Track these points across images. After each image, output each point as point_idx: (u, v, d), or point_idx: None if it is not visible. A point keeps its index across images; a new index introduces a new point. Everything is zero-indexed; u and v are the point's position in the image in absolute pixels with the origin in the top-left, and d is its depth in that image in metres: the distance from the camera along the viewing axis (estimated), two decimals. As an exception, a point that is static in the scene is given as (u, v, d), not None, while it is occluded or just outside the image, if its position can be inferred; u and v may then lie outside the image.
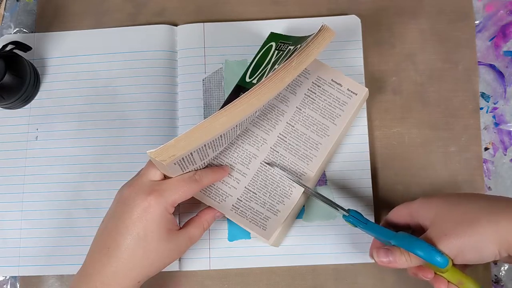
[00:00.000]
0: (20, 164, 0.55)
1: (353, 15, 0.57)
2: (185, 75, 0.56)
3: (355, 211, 0.46)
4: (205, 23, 0.57)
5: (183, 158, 0.40)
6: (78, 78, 0.57)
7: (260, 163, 0.50)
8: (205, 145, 0.41)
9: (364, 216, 0.46)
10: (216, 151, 0.45)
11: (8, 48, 0.53)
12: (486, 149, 0.55)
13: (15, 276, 0.54)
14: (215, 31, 0.57)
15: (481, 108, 0.56)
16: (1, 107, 0.56)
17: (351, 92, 0.51)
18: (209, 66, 0.56)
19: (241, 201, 0.49)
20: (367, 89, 0.51)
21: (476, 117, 0.55)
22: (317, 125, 0.50)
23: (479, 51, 0.57)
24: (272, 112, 0.51)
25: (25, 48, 0.54)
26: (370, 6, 0.58)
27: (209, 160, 0.46)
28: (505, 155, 0.55)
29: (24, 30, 0.59)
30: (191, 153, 0.40)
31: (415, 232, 0.44)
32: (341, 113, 0.50)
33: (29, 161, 0.55)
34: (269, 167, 0.49)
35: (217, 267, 0.53)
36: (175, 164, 0.40)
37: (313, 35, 0.44)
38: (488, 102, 0.56)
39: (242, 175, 0.49)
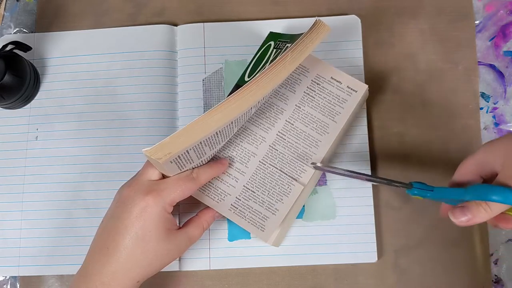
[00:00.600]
0: (20, 164, 0.55)
1: (353, 15, 0.57)
2: (185, 75, 0.56)
3: (418, 182, 0.43)
4: (205, 23, 0.57)
5: (179, 156, 0.40)
6: (78, 78, 0.57)
7: (259, 161, 0.50)
8: (201, 143, 0.41)
9: (428, 184, 0.43)
10: (213, 149, 0.45)
11: (8, 48, 0.53)
12: (486, 149, 0.55)
13: (15, 276, 0.54)
14: (215, 31, 0.57)
15: (481, 108, 0.56)
16: (1, 107, 0.56)
17: (351, 89, 0.51)
18: (209, 66, 0.56)
19: (240, 200, 0.49)
20: (367, 86, 0.51)
21: (476, 117, 0.55)
22: (317, 122, 0.50)
23: (479, 51, 0.56)
24: (271, 110, 0.51)
25: (25, 48, 0.54)
26: (370, 6, 0.58)
27: (207, 158, 0.46)
28: (506, 155, 0.55)
29: (24, 30, 0.59)
30: (187, 151, 0.40)
31: (489, 183, 0.41)
32: (341, 111, 0.50)
33: (29, 161, 0.55)
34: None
35: (217, 267, 0.53)
36: (171, 162, 0.40)
37: (307, 30, 0.44)
38: (488, 102, 0.56)
39: (240, 173, 0.49)
